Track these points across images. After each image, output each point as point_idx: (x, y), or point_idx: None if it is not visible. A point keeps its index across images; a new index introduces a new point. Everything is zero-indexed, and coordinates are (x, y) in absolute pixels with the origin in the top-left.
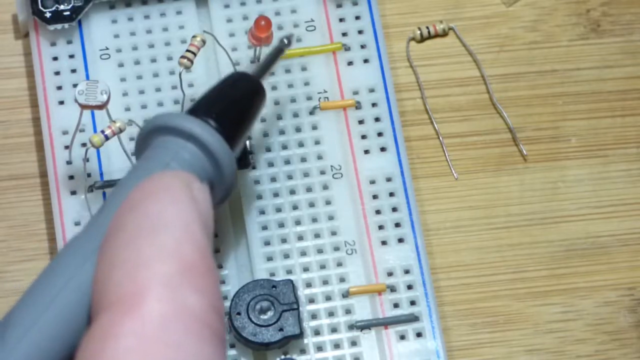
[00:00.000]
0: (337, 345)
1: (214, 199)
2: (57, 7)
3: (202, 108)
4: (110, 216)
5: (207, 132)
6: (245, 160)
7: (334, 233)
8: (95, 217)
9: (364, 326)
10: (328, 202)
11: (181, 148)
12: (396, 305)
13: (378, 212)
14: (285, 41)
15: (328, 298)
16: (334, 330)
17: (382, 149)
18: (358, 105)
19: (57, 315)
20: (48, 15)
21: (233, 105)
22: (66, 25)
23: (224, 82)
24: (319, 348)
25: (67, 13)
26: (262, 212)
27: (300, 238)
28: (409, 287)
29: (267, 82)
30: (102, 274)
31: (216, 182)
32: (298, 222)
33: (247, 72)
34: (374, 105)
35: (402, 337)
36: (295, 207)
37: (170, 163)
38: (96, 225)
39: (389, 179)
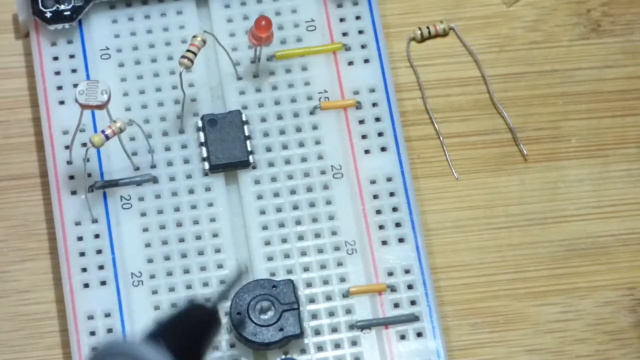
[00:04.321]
0: (337, 345)
1: None
2: (57, 7)
3: (160, 336)
4: None
5: None
6: (245, 160)
7: (334, 233)
8: None
9: (365, 326)
10: (328, 202)
11: None
12: (396, 305)
13: (378, 212)
14: (244, 268)
15: (328, 298)
16: (334, 330)
17: (383, 149)
18: (358, 105)
19: None
20: (48, 15)
21: (188, 336)
22: (66, 25)
23: (181, 313)
24: (319, 348)
25: (68, 13)
26: (262, 212)
27: (301, 238)
28: (409, 287)
29: (267, 82)
30: None
31: None
32: (298, 222)
33: (202, 302)
34: (374, 105)
35: (403, 337)
36: (295, 207)
37: None
38: None
39: (389, 179)
